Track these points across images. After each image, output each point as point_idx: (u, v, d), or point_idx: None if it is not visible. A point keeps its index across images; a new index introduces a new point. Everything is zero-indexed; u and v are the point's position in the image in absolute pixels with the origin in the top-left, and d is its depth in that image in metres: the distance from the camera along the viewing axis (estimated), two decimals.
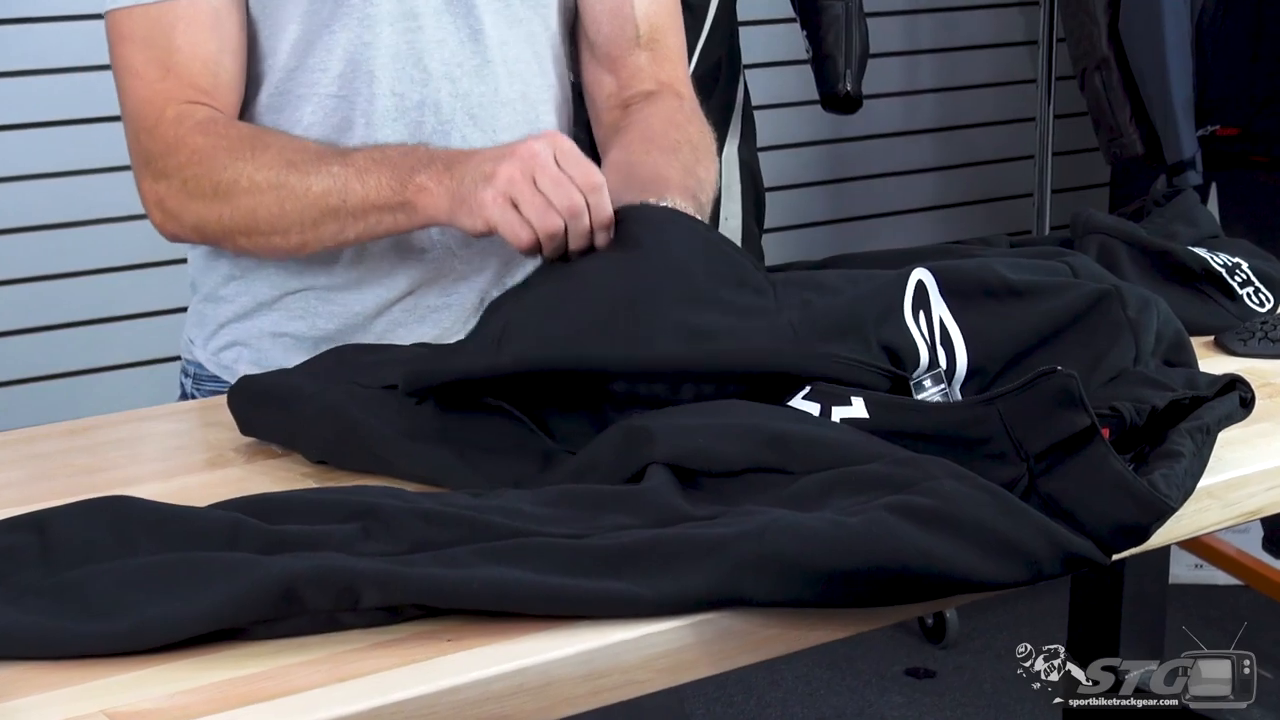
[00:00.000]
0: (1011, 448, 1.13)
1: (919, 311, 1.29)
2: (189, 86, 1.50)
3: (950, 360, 1.28)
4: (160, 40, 1.50)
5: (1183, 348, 1.37)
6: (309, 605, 0.97)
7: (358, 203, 1.45)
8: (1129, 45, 3.02)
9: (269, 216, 1.48)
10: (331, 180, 1.45)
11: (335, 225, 1.47)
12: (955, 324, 1.29)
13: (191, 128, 1.49)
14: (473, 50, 1.57)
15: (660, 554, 1.01)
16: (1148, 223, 1.72)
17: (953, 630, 3.20)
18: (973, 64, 3.88)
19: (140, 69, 1.51)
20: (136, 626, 0.95)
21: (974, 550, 1.02)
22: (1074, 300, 1.31)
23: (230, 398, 1.33)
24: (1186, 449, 1.15)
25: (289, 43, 1.53)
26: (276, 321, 1.61)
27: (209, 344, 1.65)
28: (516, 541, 1.02)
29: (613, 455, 1.15)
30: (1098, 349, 1.29)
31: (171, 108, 1.50)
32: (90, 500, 1.07)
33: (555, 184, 1.37)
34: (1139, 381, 1.25)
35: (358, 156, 1.46)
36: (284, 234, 1.49)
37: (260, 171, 1.47)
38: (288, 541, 1.02)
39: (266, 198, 1.47)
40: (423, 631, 0.99)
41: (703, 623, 1.01)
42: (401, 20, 1.54)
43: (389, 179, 1.44)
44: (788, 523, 1.01)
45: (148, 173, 1.52)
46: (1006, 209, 3.94)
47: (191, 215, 1.51)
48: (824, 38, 2.96)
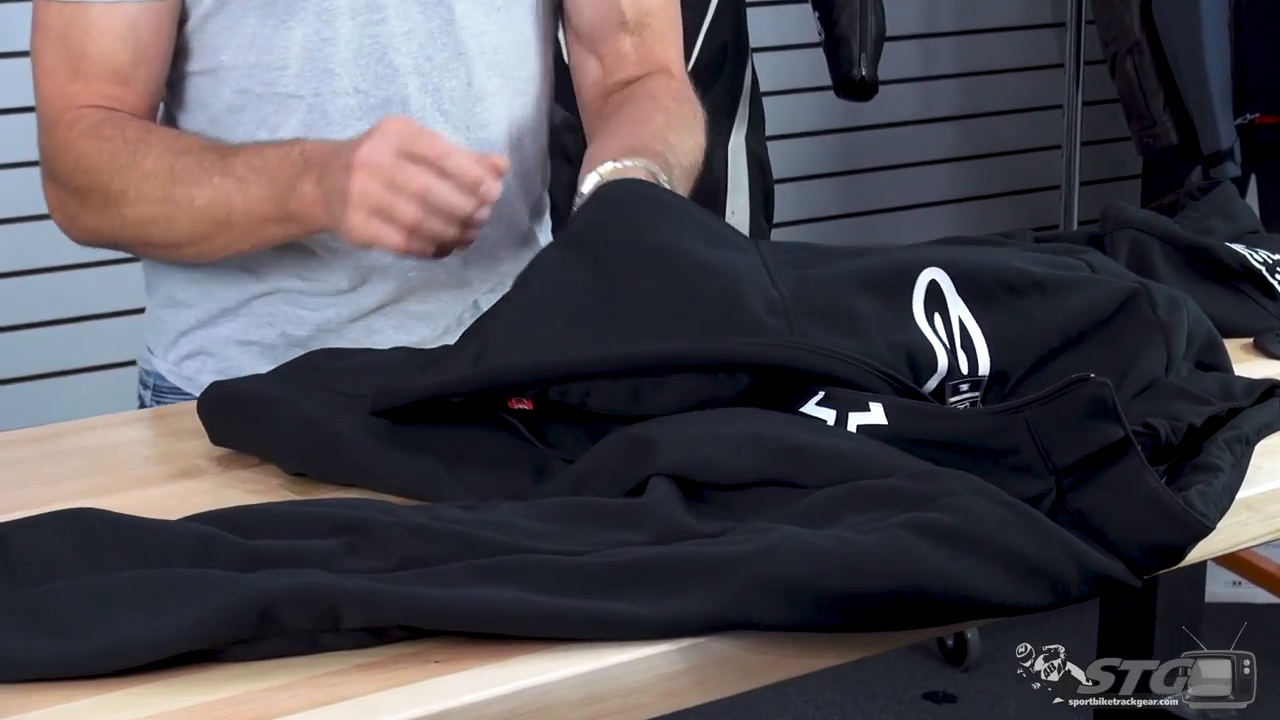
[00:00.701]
0: (1039, 460, 1.13)
1: (934, 314, 1.29)
2: (97, 93, 1.51)
3: (972, 364, 1.28)
4: (73, 44, 1.51)
5: (1215, 348, 1.37)
6: (288, 625, 0.97)
7: (243, 217, 1.46)
8: (1162, 28, 3.02)
9: (161, 231, 1.50)
10: (214, 193, 1.46)
11: (226, 238, 1.49)
12: (976, 325, 1.29)
13: (81, 132, 1.50)
14: (444, 42, 1.56)
15: (663, 574, 1.01)
16: (1182, 217, 1.72)
17: (974, 652, 3.19)
18: (996, 47, 3.88)
19: (51, 68, 1.52)
20: (104, 648, 0.95)
21: (996, 571, 1.02)
22: (1101, 299, 1.31)
23: (200, 406, 1.33)
24: (1225, 462, 1.15)
25: (245, 37, 1.53)
26: (243, 328, 1.60)
27: (169, 353, 1.64)
28: (510, 559, 1.02)
29: (613, 465, 1.15)
30: (1127, 354, 1.29)
31: (71, 111, 1.51)
32: (55, 513, 1.07)
33: (403, 178, 1.37)
34: (1173, 394, 1.25)
35: (238, 163, 1.47)
36: (178, 247, 1.53)
37: (145, 182, 1.48)
38: (266, 557, 1.02)
39: (154, 210, 1.48)
40: (410, 653, 0.99)
41: (708, 644, 1.01)
42: (364, 12, 1.53)
43: (269, 191, 1.45)
44: (798, 541, 1.01)
45: (47, 174, 1.55)
46: (1031, 202, 3.94)
47: (86, 222, 1.54)
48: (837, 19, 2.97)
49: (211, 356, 1.61)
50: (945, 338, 1.28)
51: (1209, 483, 1.12)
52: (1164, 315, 1.31)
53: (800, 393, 1.22)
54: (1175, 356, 1.31)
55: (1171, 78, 3.03)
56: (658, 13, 1.69)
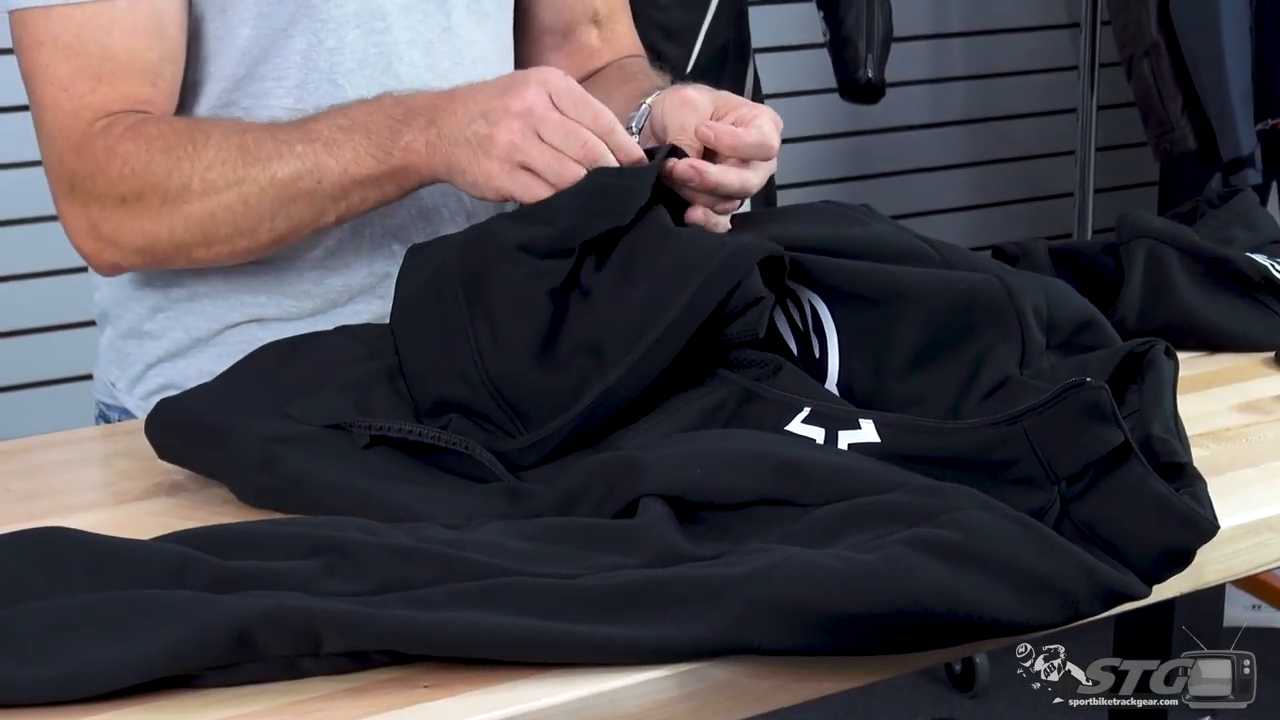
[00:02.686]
0: (1041, 470, 1.13)
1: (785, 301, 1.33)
2: (125, 97, 1.45)
3: (822, 352, 1.31)
4: (92, 47, 1.44)
5: (1092, 326, 1.35)
6: (265, 650, 0.96)
7: (335, 181, 1.41)
8: (1181, 29, 3.02)
9: (231, 219, 1.44)
10: (298, 161, 1.41)
11: (311, 210, 1.43)
12: (829, 313, 1.32)
13: (120, 134, 1.44)
14: (444, 51, 1.56)
15: (659, 597, 1.01)
16: (1201, 225, 1.72)
17: (983, 677, 3.19)
18: (1008, 49, 3.89)
19: (65, 80, 1.45)
20: (72, 673, 0.95)
21: (1004, 590, 1.02)
22: (954, 297, 1.31)
23: (149, 428, 1.31)
24: (1183, 455, 1.15)
25: (238, 49, 1.51)
26: (216, 359, 1.54)
27: (135, 388, 1.61)
28: (498, 582, 1.01)
29: (599, 487, 1.14)
30: (977, 354, 1.28)
31: (101, 120, 1.45)
32: (21, 532, 1.07)
33: (564, 134, 1.35)
34: (1026, 393, 1.22)
35: (320, 129, 1.42)
36: (251, 234, 1.45)
37: (211, 169, 1.42)
38: (241, 579, 1.02)
39: (226, 197, 1.43)
40: (397, 677, 0.98)
41: (706, 669, 1.00)
42: (368, 20, 1.52)
43: (366, 147, 1.40)
44: (799, 562, 1.01)
45: (74, 197, 1.47)
46: (1044, 209, 3.94)
47: (134, 235, 1.46)
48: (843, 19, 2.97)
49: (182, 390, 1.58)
50: (798, 320, 1.32)
51: (1193, 485, 1.12)
52: (1018, 303, 1.30)
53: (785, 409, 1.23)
54: (1032, 350, 1.30)
55: (1190, 81, 3.03)
56: (619, 10, 1.72)
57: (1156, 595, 1.09)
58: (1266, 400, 1.46)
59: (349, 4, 1.51)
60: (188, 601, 0.98)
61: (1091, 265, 1.64)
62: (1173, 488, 1.10)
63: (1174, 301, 1.58)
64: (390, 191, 1.43)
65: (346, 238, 1.55)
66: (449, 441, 1.24)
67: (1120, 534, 1.08)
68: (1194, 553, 1.09)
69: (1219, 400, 1.45)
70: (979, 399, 1.26)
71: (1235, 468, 1.30)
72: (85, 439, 1.45)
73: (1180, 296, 1.58)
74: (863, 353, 1.31)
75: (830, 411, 1.22)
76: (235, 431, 1.26)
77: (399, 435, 1.24)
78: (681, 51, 2.74)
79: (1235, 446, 1.34)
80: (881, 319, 1.31)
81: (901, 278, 1.32)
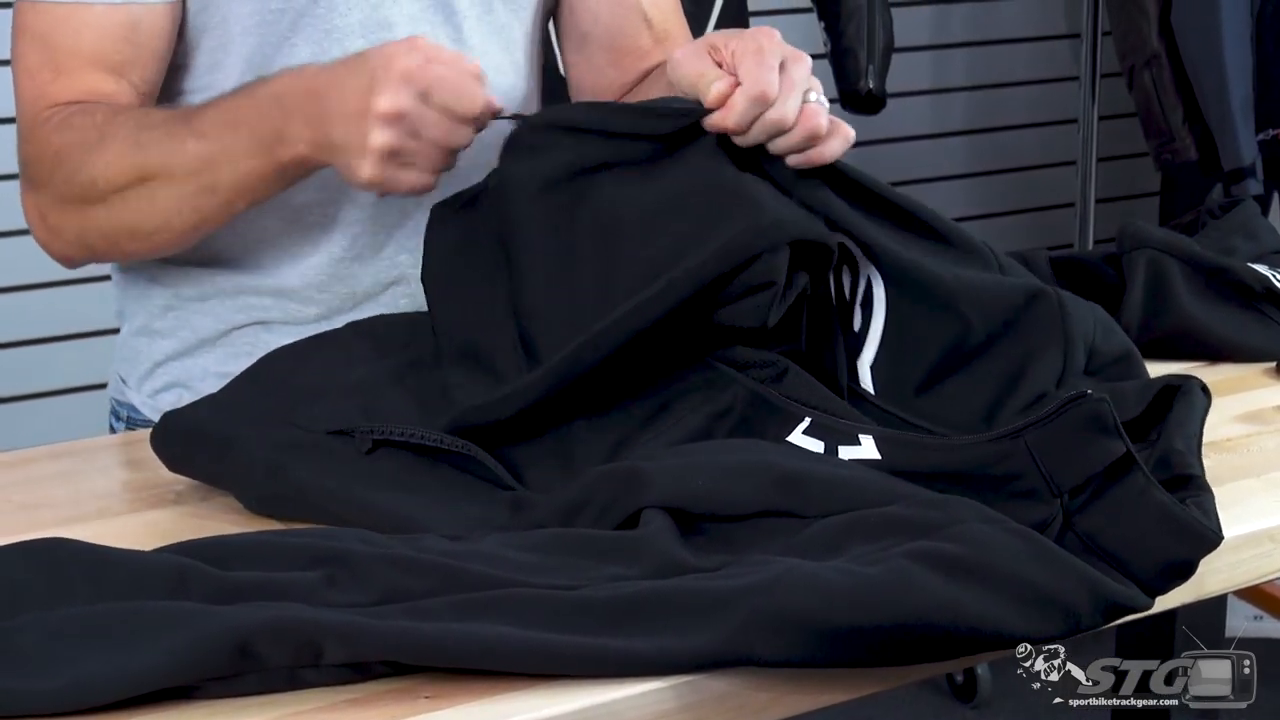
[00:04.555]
0: (1043, 483, 1.13)
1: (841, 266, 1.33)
2: (80, 88, 1.47)
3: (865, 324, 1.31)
4: (61, 41, 1.46)
5: (1128, 360, 1.36)
6: (266, 661, 0.96)
7: (229, 180, 1.41)
8: (1182, 40, 3.02)
9: (144, 214, 1.44)
10: (192, 160, 1.41)
11: (215, 202, 1.43)
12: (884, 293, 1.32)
13: (56, 125, 1.45)
14: None
15: (661, 608, 1.01)
16: (1202, 236, 1.72)
17: (985, 688, 3.19)
18: (1009, 59, 3.88)
19: (34, 69, 1.48)
20: (72, 684, 0.95)
21: (1006, 602, 1.02)
22: (1007, 297, 1.32)
23: (154, 440, 1.31)
24: (1198, 469, 1.15)
25: (240, 59, 1.51)
26: (221, 360, 1.57)
27: (144, 385, 1.63)
28: (499, 593, 1.01)
29: (602, 497, 1.14)
30: (1022, 362, 1.29)
31: (48, 109, 1.46)
32: (21, 543, 1.07)
33: (439, 129, 1.33)
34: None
35: (206, 122, 1.41)
36: (166, 228, 1.45)
37: (112, 166, 1.43)
38: (242, 590, 1.02)
39: (132, 193, 1.43)
40: (397, 688, 0.98)
41: (707, 680, 1.00)
42: (374, 31, 1.52)
43: (250, 145, 1.39)
44: (801, 574, 1.01)
45: (28, 184, 1.50)
46: (1045, 220, 3.94)
47: (71, 225, 1.48)
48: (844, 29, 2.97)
49: (189, 389, 1.58)
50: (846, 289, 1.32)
51: (1199, 495, 1.12)
52: (1069, 323, 1.31)
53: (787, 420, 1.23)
54: (1071, 369, 1.30)
55: (1191, 91, 3.03)
56: (673, 15, 1.71)
57: (1157, 606, 1.09)
58: (1268, 410, 1.46)
59: (354, 14, 1.51)
60: (189, 612, 0.98)
61: (1093, 276, 1.64)
62: (1180, 497, 1.10)
63: (1175, 312, 1.58)
64: (289, 181, 1.43)
65: (352, 245, 1.56)
66: (451, 445, 1.23)
67: (1123, 546, 1.08)
68: (1196, 564, 1.08)
69: (1220, 411, 1.44)
70: (1016, 411, 1.27)
71: (1237, 478, 1.29)
72: (88, 450, 1.45)
73: (1181, 307, 1.58)
74: (905, 341, 1.31)
75: (831, 425, 1.22)
76: (241, 439, 1.26)
77: (401, 439, 1.24)
78: None
79: (1236, 457, 1.34)
80: (931, 314, 1.31)
81: (965, 277, 1.33)
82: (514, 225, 1.36)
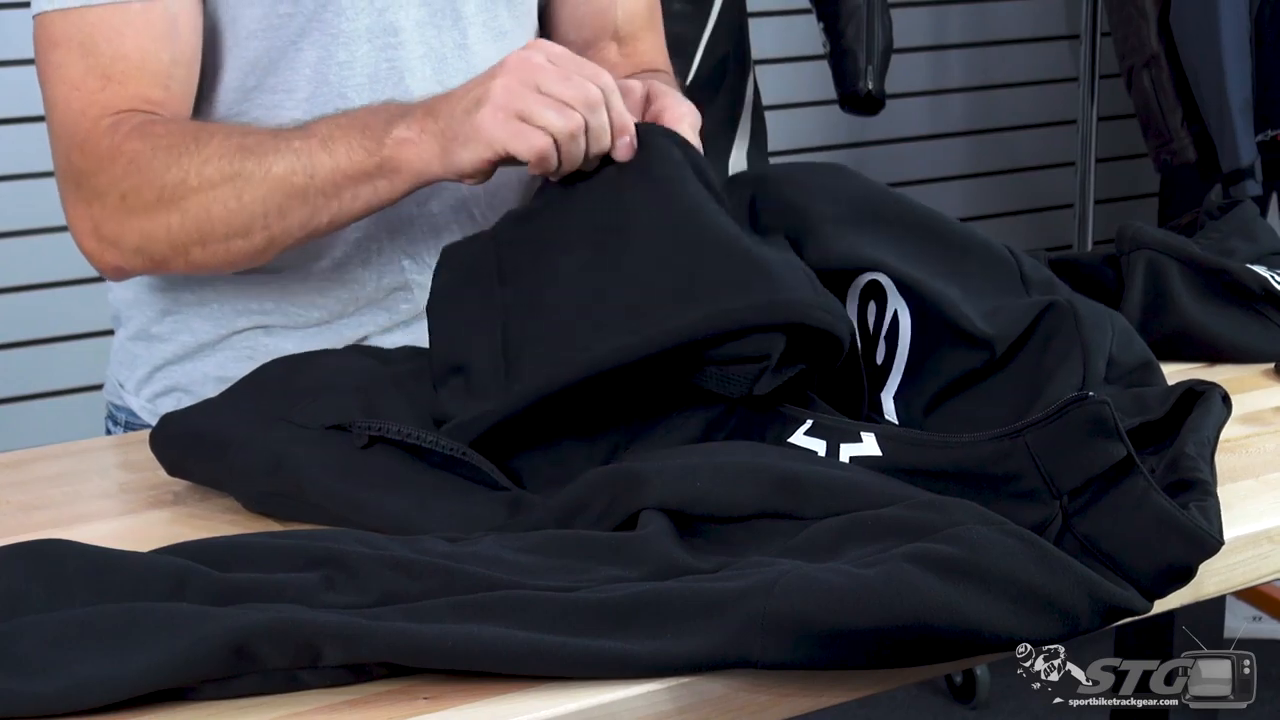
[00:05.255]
0: (1042, 485, 1.13)
1: (868, 301, 1.33)
2: (134, 96, 1.45)
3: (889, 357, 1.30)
4: (104, 47, 1.45)
5: (1148, 368, 1.36)
6: (264, 663, 0.96)
7: (327, 176, 1.40)
8: (1181, 40, 3.02)
9: (224, 214, 1.42)
10: (294, 157, 1.40)
11: (304, 210, 1.42)
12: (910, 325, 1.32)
13: (127, 133, 1.43)
14: (457, 67, 1.55)
15: (658, 610, 1.00)
16: (1201, 237, 1.72)
17: (984, 689, 3.19)
18: (1008, 60, 3.89)
19: (77, 79, 1.45)
20: (71, 686, 0.95)
21: (1004, 604, 1.01)
22: (1022, 313, 1.32)
23: (154, 442, 1.32)
24: (1206, 474, 1.15)
25: (247, 60, 1.51)
26: (221, 364, 1.57)
27: (142, 390, 1.62)
28: (497, 595, 1.01)
29: (601, 499, 1.14)
30: (1043, 375, 1.29)
31: (109, 117, 1.45)
32: (20, 544, 1.07)
33: (563, 81, 1.35)
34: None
35: (319, 127, 1.42)
36: (245, 234, 1.43)
37: (209, 164, 1.41)
38: (241, 591, 1.02)
39: (220, 192, 1.41)
40: (396, 689, 0.98)
41: (704, 683, 1.00)
42: (381, 36, 1.52)
43: (360, 141, 1.39)
44: (798, 576, 1.01)
45: (79, 195, 1.47)
46: (1044, 220, 3.94)
47: (134, 234, 1.45)
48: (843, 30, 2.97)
49: (188, 394, 1.57)
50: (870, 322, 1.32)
51: (1203, 499, 1.11)
52: (1087, 334, 1.31)
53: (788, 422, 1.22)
54: (1091, 378, 1.30)
55: (1190, 92, 3.03)
56: (642, 16, 1.72)
57: (1156, 608, 1.09)
58: (1267, 412, 1.46)
59: (361, 19, 1.51)
60: (187, 614, 0.98)
61: (1092, 276, 1.64)
62: (1183, 501, 1.10)
63: (1174, 313, 1.58)
64: (383, 189, 1.41)
65: (354, 250, 1.55)
66: (446, 447, 1.23)
67: (1122, 548, 1.08)
68: (1195, 568, 1.08)
69: None
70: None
71: (1235, 479, 1.29)
72: (86, 450, 1.45)
73: (1180, 308, 1.58)
74: (927, 372, 1.32)
75: (832, 424, 1.22)
76: (239, 438, 1.26)
77: (397, 437, 1.24)
78: (682, 64, 2.73)
79: (1235, 458, 1.34)
80: (954, 350, 1.32)
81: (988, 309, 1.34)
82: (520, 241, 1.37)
